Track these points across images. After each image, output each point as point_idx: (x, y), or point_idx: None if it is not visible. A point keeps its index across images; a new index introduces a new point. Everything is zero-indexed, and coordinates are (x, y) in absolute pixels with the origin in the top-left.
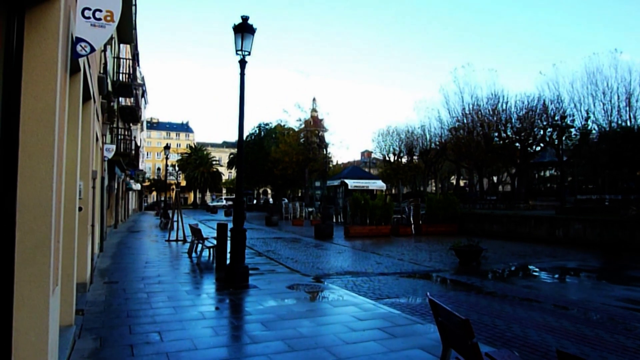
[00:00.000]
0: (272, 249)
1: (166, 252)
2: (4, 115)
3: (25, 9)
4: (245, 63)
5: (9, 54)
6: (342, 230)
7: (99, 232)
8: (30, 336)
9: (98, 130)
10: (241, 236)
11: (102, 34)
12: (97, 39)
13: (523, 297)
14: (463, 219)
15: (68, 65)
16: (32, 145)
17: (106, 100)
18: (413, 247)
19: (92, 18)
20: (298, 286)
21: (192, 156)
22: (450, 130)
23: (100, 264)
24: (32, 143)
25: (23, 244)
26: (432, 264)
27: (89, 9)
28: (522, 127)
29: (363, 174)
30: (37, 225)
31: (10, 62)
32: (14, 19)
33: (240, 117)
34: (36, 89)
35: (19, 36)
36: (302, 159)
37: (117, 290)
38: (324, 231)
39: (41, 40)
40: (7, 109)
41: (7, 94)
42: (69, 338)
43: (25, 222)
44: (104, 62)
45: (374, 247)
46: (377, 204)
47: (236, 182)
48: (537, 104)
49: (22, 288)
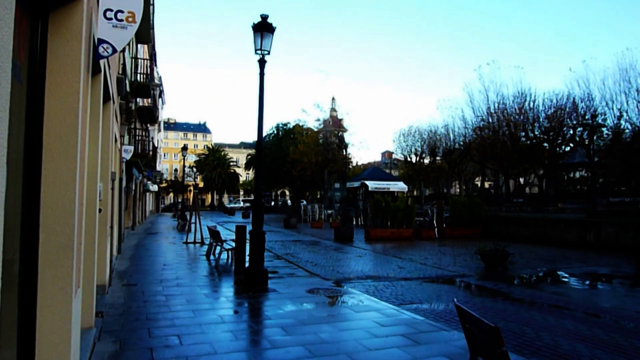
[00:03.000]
0: (291, 251)
1: (184, 255)
2: (28, 117)
3: (49, 11)
4: (264, 62)
5: (33, 56)
6: (362, 233)
7: (117, 234)
8: (54, 338)
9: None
10: (260, 239)
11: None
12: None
13: (552, 304)
14: (488, 222)
15: (90, 66)
16: (56, 147)
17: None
18: (436, 251)
19: (114, 19)
20: (318, 290)
21: (210, 157)
22: (474, 129)
23: (118, 266)
24: (55, 145)
25: (47, 246)
26: (457, 269)
27: (111, 10)
28: (550, 126)
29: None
30: (60, 227)
31: (35, 64)
32: (38, 21)
33: (260, 118)
34: (60, 91)
35: (43, 38)
36: (321, 159)
37: (136, 292)
38: (344, 234)
39: (64, 42)
40: (31, 111)
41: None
42: (90, 340)
43: (49, 224)
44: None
45: (395, 250)
46: (399, 207)
47: (255, 183)
48: (566, 102)
49: (46, 290)
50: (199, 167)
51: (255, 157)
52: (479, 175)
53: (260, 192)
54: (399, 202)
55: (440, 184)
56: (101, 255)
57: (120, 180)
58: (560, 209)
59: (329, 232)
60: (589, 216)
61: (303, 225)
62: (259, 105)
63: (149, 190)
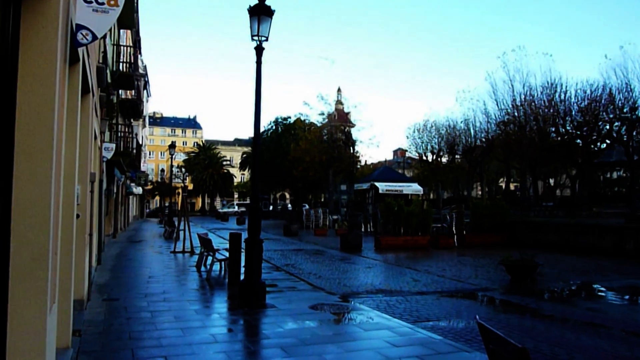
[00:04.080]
0: (292, 262)
1: (172, 265)
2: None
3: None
4: (262, 50)
5: (3, 44)
6: (372, 241)
7: (97, 243)
8: (26, 359)
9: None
10: (257, 248)
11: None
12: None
13: (587, 322)
14: (514, 229)
15: (67, 55)
16: (29, 145)
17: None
18: (456, 262)
19: (95, 2)
20: (322, 306)
21: (200, 155)
22: (498, 124)
23: (98, 279)
24: (29, 143)
25: (19, 256)
26: (479, 282)
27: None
28: (584, 120)
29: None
30: (34, 235)
31: (6, 53)
32: (10, 6)
33: (257, 111)
34: (34, 83)
35: (15, 25)
36: (325, 158)
37: (118, 308)
38: (352, 242)
39: (39, 29)
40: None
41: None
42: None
43: (22, 231)
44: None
45: (409, 261)
46: (413, 211)
47: (251, 185)
48: (601, 94)
49: (18, 305)
50: (188, 167)
51: (252, 155)
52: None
53: (257, 195)
54: (414, 206)
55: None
56: (79, 267)
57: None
58: (596, 214)
59: (335, 240)
60: (628, 222)
61: (305, 233)
62: (255, 97)
63: (133, 193)
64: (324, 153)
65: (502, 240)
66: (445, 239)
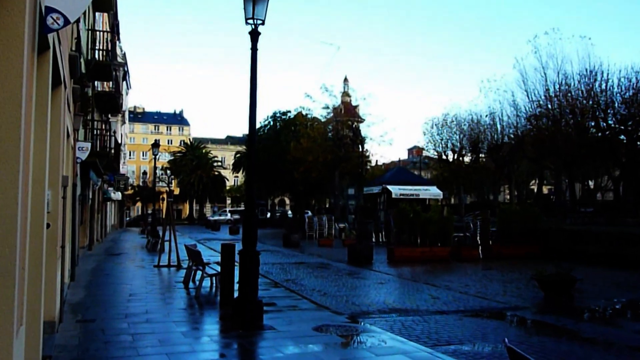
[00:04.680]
0: (293, 277)
1: (155, 282)
2: None
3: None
4: (257, 35)
5: None
6: (384, 253)
7: (70, 256)
8: None
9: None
10: (253, 261)
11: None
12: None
13: (635, 347)
14: (548, 238)
15: (36, 43)
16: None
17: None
18: (481, 276)
19: None
20: (328, 327)
21: (188, 156)
22: (529, 118)
23: (71, 297)
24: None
25: None
26: (507, 299)
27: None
28: (628, 113)
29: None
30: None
31: None
32: None
33: (252, 105)
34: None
35: None
36: (330, 158)
37: (94, 331)
38: (361, 254)
39: (3, 13)
40: None
41: None
42: None
43: None
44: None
45: (427, 275)
46: (432, 218)
47: (246, 189)
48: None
49: None
50: (174, 168)
51: (246, 155)
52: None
53: (252, 200)
54: (432, 213)
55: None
56: (49, 284)
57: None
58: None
59: (342, 251)
60: None
61: (308, 243)
62: (250, 88)
63: (111, 199)
64: (328, 152)
65: (534, 252)
66: (468, 250)
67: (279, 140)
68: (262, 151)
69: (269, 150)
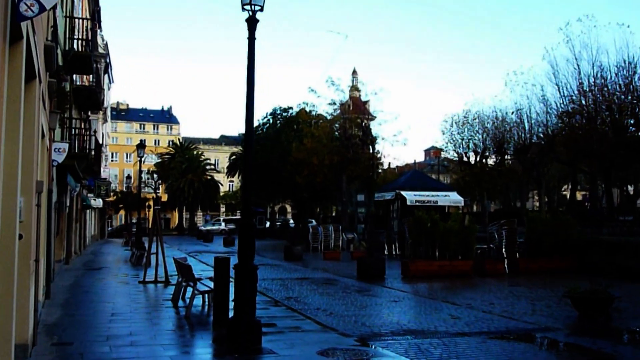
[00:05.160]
0: (295, 295)
1: (141, 299)
2: None
3: None
4: (255, 22)
5: None
6: (398, 267)
7: (44, 271)
8: None
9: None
10: (251, 276)
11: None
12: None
13: None
14: (583, 251)
15: (8, 32)
16: None
17: (56, 79)
18: (507, 293)
19: None
20: (334, 351)
21: (177, 157)
22: (560, 115)
23: (46, 317)
24: None
25: None
26: (537, 319)
27: None
28: None
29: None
30: None
31: None
32: None
33: (249, 100)
34: None
35: None
36: (337, 160)
37: (72, 355)
38: (372, 268)
39: None
40: None
41: None
42: None
43: None
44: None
45: (447, 292)
46: (452, 228)
47: (242, 195)
48: None
49: None
50: (161, 172)
51: (243, 157)
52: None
53: (249, 208)
54: (452, 222)
55: (511, 194)
56: (21, 302)
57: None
58: None
59: (350, 265)
60: None
61: (312, 256)
62: (247, 81)
63: (91, 207)
64: (335, 153)
65: (566, 266)
66: (492, 264)
67: (280, 140)
68: (260, 152)
69: (268, 152)
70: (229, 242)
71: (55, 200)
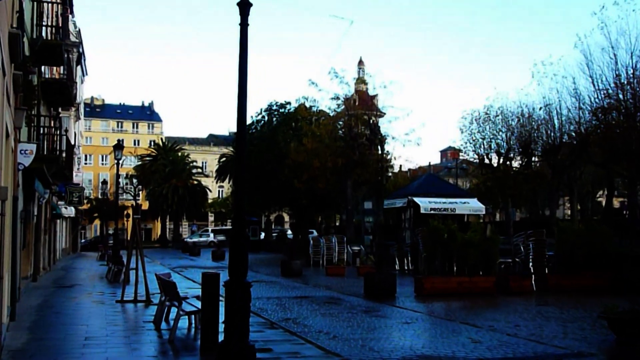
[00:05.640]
0: (294, 316)
1: (118, 321)
2: None
3: None
4: (248, 6)
5: None
6: (410, 284)
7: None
8: None
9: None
10: (243, 295)
11: None
12: None
13: None
14: (621, 266)
15: None
16: None
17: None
18: (534, 314)
19: None
20: None
21: (160, 160)
22: (595, 111)
23: (11, 342)
24: None
25: None
26: (569, 343)
27: None
28: None
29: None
30: None
31: None
32: None
33: (241, 93)
34: None
35: None
36: (341, 163)
37: None
38: (381, 286)
39: None
40: None
41: None
42: None
43: None
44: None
45: (466, 313)
46: (472, 240)
47: (233, 202)
48: None
49: None
50: (142, 176)
51: (235, 159)
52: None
53: (242, 217)
54: (472, 233)
55: (538, 201)
56: None
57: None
58: None
59: (356, 282)
60: None
61: (313, 272)
62: (239, 72)
63: (62, 216)
64: (339, 155)
65: (602, 283)
66: (518, 281)
67: (276, 139)
68: (254, 154)
69: (262, 153)
70: (219, 255)
71: (22, 209)
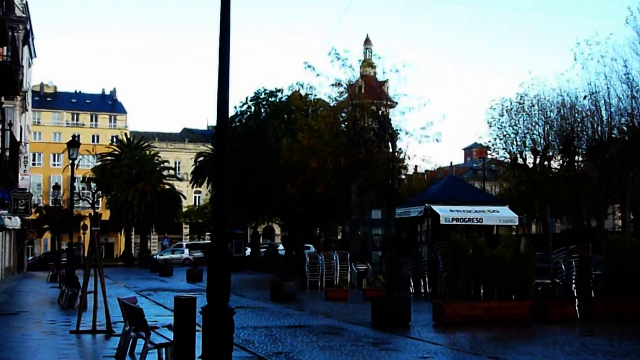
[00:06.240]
0: (287, 349)
1: (73, 356)
2: None
3: None
4: None
5: None
6: (428, 310)
7: None
8: None
9: None
10: (224, 324)
11: None
12: None
13: None
14: None
15: None
16: None
17: None
18: (578, 346)
19: None
20: None
21: (124, 159)
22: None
23: None
24: None
25: None
26: None
27: None
28: None
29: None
30: None
31: None
32: None
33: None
34: None
35: None
36: (344, 163)
37: None
38: (392, 312)
39: None
40: None
41: None
42: None
43: None
44: None
45: (495, 345)
46: (502, 256)
47: (213, 211)
48: None
49: None
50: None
51: (214, 159)
52: None
53: (224, 228)
54: (503, 248)
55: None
56: None
57: None
58: None
59: (362, 308)
60: None
61: (309, 295)
62: (220, 53)
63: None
64: (341, 154)
65: None
66: (558, 306)
67: (265, 135)
68: (238, 152)
69: (249, 151)
70: (195, 276)
71: None
